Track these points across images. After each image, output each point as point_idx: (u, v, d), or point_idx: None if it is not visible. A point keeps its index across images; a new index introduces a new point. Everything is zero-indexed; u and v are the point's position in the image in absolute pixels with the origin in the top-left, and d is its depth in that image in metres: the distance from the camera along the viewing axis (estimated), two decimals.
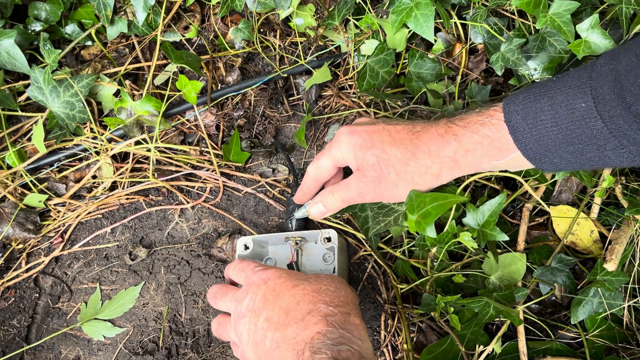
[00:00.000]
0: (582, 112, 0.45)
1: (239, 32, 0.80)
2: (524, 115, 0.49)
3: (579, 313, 0.69)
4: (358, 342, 0.48)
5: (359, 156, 0.60)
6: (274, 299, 0.55)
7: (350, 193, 0.62)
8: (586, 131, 0.46)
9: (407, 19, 0.68)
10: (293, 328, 0.51)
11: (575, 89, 0.46)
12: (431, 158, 0.56)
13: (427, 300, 0.68)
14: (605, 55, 0.46)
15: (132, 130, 0.80)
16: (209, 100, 0.81)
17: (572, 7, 0.64)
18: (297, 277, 0.57)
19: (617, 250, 0.67)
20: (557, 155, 0.49)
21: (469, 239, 0.63)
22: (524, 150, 0.50)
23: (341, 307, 0.53)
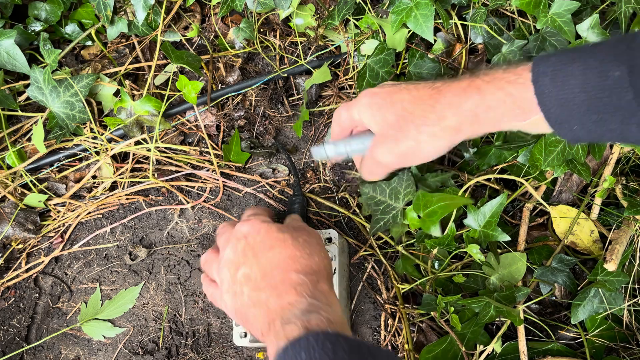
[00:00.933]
0: (614, 81, 0.44)
1: (241, 32, 0.80)
2: (552, 77, 0.47)
3: (579, 313, 0.69)
4: (326, 309, 0.50)
5: (378, 118, 0.59)
6: (252, 257, 0.57)
7: (371, 164, 0.62)
8: (614, 101, 0.44)
9: (406, 19, 0.68)
10: (267, 294, 0.53)
11: (611, 56, 0.45)
12: (452, 110, 0.54)
13: (428, 300, 0.68)
14: None
15: (132, 130, 0.80)
16: (209, 101, 0.81)
17: (573, 7, 0.64)
18: (274, 237, 0.58)
19: (617, 251, 0.67)
20: (579, 123, 0.47)
21: (477, 251, 0.63)
22: (547, 113, 0.48)
23: (311, 274, 0.54)
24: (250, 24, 0.79)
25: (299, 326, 0.47)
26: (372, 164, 0.62)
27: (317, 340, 0.44)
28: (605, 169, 0.70)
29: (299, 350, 0.44)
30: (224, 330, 0.79)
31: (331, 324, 0.48)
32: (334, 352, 0.43)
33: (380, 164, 0.60)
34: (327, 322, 0.48)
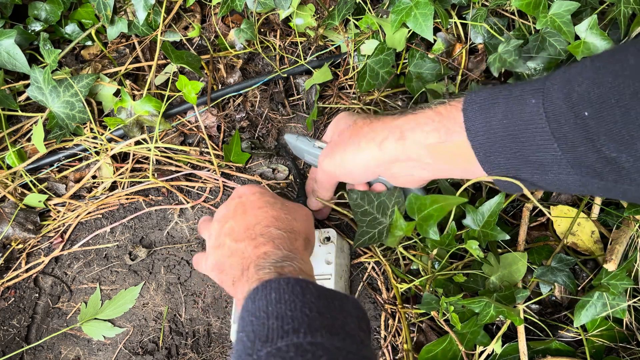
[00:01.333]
0: (530, 108, 0.46)
1: (242, 33, 0.80)
2: (480, 105, 0.49)
3: (582, 317, 0.68)
4: (300, 261, 0.52)
5: (334, 128, 0.66)
6: (242, 213, 0.59)
7: (319, 171, 0.65)
8: (531, 128, 0.46)
9: (406, 19, 0.68)
10: (245, 243, 0.55)
11: (531, 87, 0.47)
12: (383, 125, 0.58)
13: (428, 299, 0.68)
14: (565, 65, 0.48)
15: (131, 130, 0.80)
16: (209, 101, 0.81)
17: (573, 7, 0.64)
18: (266, 200, 0.61)
19: (617, 250, 0.67)
20: (502, 154, 0.49)
21: (476, 247, 0.63)
22: (473, 140, 0.50)
23: (291, 232, 0.57)
24: (251, 25, 0.79)
25: (272, 271, 0.49)
26: (318, 170, 0.66)
27: (287, 284, 0.46)
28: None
29: (269, 290, 0.46)
30: (224, 330, 0.79)
31: (303, 274, 0.50)
32: (303, 295, 0.45)
33: (321, 169, 0.65)
34: (299, 271, 0.50)
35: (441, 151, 0.53)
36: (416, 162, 0.56)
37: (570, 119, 0.43)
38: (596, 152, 0.43)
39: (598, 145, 0.42)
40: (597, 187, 0.46)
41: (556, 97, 0.44)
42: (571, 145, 0.44)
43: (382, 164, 0.58)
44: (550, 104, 0.44)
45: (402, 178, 0.61)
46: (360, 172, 0.62)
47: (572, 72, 0.44)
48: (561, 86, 0.44)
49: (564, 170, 0.46)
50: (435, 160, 0.55)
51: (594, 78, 0.42)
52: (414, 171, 0.58)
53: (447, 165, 0.55)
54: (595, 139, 0.42)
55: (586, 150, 0.43)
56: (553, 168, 0.46)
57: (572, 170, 0.45)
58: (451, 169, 0.56)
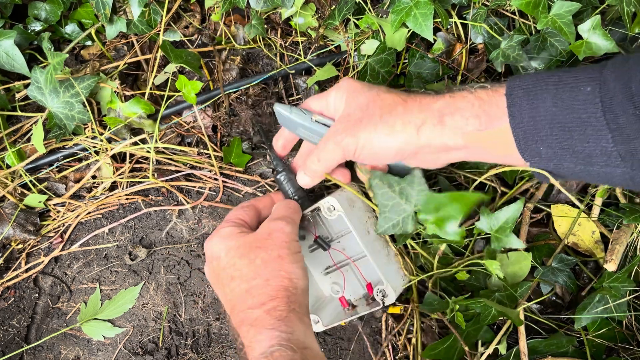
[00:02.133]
0: (584, 96, 0.44)
1: (252, 29, 0.79)
2: (526, 90, 0.47)
3: (583, 319, 0.68)
4: (287, 337, 0.51)
5: (350, 100, 0.58)
6: (219, 286, 0.59)
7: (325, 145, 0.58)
8: (583, 117, 0.44)
9: (406, 18, 0.68)
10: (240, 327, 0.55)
11: (585, 74, 0.45)
12: (420, 107, 0.53)
13: (430, 299, 0.68)
14: (621, 55, 0.46)
15: (120, 132, 0.79)
16: (206, 100, 0.80)
17: (574, 8, 0.64)
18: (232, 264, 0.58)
19: (617, 251, 0.67)
20: (546, 143, 0.46)
21: (497, 267, 0.62)
22: (515, 127, 0.47)
23: (267, 304, 0.54)
24: (261, 21, 0.79)
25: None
26: (326, 145, 0.58)
27: None
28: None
29: None
30: (223, 330, 0.79)
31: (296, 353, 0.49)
32: None
33: (336, 146, 0.57)
34: (292, 351, 0.49)
35: (479, 138, 0.51)
36: (450, 148, 0.53)
37: (628, 110, 0.41)
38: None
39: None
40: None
41: (613, 86, 0.42)
42: (627, 137, 0.42)
43: (417, 148, 0.54)
44: (607, 93, 0.43)
45: (427, 162, 0.57)
46: (391, 155, 0.56)
47: (630, 61, 0.43)
48: (619, 75, 0.43)
49: (613, 162, 0.44)
50: (470, 146, 0.52)
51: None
52: (444, 155, 0.55)
53: (483, 151, 0.52)
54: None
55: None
56: (601, 160, 0.45)
57: (621, 163, 0.44)
58: (486, 155, 0.53)
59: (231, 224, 0.61)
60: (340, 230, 0.71)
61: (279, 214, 0.62)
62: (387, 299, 0.65)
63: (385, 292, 0.65)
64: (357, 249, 0.69)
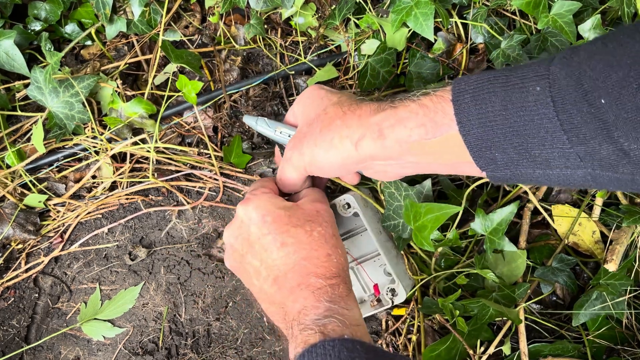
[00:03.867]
0: (535, 96, 0.41)
1: (251, 28, 0.79)
2: (473, 94, 0.44)
3: (581, 316, 0.69)
4: (344, 312, 0.49)
5: (304, 113, 0.58)
6: (261, 250, 0.55)
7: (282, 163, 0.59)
8: (536, 119, 0.41)
9: (406, 18, 0.68)
10: (282, 295, 0.52)
11: (533, 72, 0.42)
12: (359, 121, 0.51)
13: (428, 303, 0.68)
14: (569, 48, 0.43)
15: (122, 132, 0.79)
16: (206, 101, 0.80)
17: (574, 7, 0.64)
18: (285, 230, 0.54)
19: (617, 251, 0.67)
20: (500, 149, 0.43)
21: (492, 274, 0.63)
22: (467, 135, 0.44)
23: (330, 279, 0.51)
24: (260, 21, 0.79)
25: (315, 331, 0.46)
26: (284, 161, 0.59)
27: (333, 347, 0.43)
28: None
29: (316, 357, 0.43)
30: (223, 330, 0.79)
31: (348, 329, 0.46)
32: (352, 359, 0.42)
33: (288, 163, 0.58)
34: (344, 326, 0.47)
35: (426, 148, 0.48)
36: (396, 161, 0.51)
37: (583, 109, 0.38)
38: (612, 144, 0.38)
39: (615, 136, 0.38)
40: (608, 181, 0.42)
41: (565, 83, 0.39)
42: (583, 137, 0.39)
43: (359, 162, 0.53)
44: (558, 91, 0.40)
45: (377, 174, 0.57)
46: (334, 170, 0.56)
47: (581, 55, 0.40)
48: (570, 71, 0.39)
49: (572, 164, 0.41)
50: (419, 158, 0.50)
51: (609, 61, 0.37)
52: (392, 169, 0.54)
53: (433, 162, 0.50)
54: (613, 129, 0.37)
55: (601, 142, 0.39)
56: (559, 162, 0.42)
57: (581, 164, 0.41)
58: (437, 166, 0.51)
59: (270, 191, 0.59)
60: (350, 229, 0.70)
61: (317, 197, 0.60)
62: (396, 297, 0.65)
63: (395, 291, 0.65)
64: (364, 250, 0.69)
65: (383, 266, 0.68)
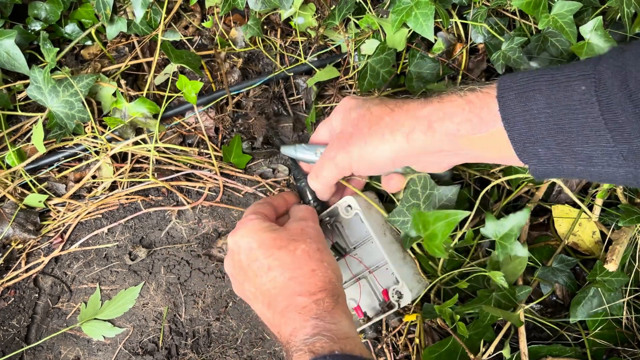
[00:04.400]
0: (579, 96, 0.42)
1: (249, 29, 0.79)
2: (518, 92, 0.45)
3: (578, 312, 0.69)
4: (331, 327, 0.50)
5: (344, 118, 0.60)
6: (254, 277, 0.56)
7: (321, 163, 0.61)
8: (580, 118, 0.42)
9: (406, 18, 0.68)
10: (276, 319, 0.54)
11: (578, 72, 0.43)
12: (407, 115, 0.53)
13: (429, 309, 0.68)
14: (615, 47, 0.44)
15: (125, 132, 0.80)
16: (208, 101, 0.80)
17: (575, 7, 0.64)
18: (270, 254, 0.56)
19: (617, 251, 0.67)
20: (544, 145, 0.45)
21: (501, 278, 0.62)
22: (510, 131, 0.46)
23: (315, 294, 0.53)
24: (258, 22, 0.79)
25: (304, 351, 0.48)
26: (322, 163, 0.61)
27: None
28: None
29: None
30: (223, 330, 0.79)
31: (337, 344, 0.47)
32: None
33: (330, 163, 0.59)
34: (332, 342, 0.48)
35: (473, 142, 0.50)
36: (448, 152, 0.53)
37: (628, 108, 0.39)
38: None
39: None
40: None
41: (611, 83, 0.40)
42: (628, 136, 0.40)
43: (411, 155, 0.54)
44: (604, 91, 0.41)
45: (431, 166, 0.58)
46: (386, 165, 0.57)
47: (627, 55, 0.41)
48: (616, 71, 0.40)
49: (614, 162, 0.42)
50: (468, 150, 0.51)
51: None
52: (444, 159, 0.55)
53: (481, 153, 0.52)
54: None
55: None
56: (602, 160, 0.43)
57: (624, 163, 0.42)
58: (485, 157, 0.53)
59: (256, 217, 0.60)
60: (356, 239, 0.70)
61: (302, 215, 0.62)
62: (402, 300, 0.64)
63: (400, 293, 0.64)
64: (375, 258, 0.68)
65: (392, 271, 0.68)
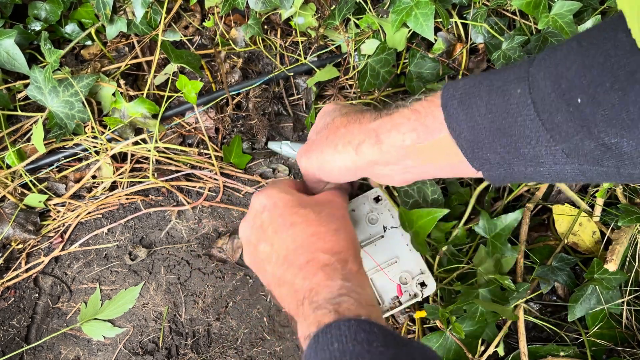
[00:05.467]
0: (516, 99, 0.42)
1: (249, 29, 0.79)
2: (460, 99, 0.45)
3: (577, 310, 0.69)
4: (357, 290, 0.48)
5: (317, 123, 0.63)
6: (272, 233, 0.55)
7: (300, 166, 0.63)
8: (519, 120, 0.42)
9: (407, 18, 0.68)
10: (292, 273, 0.51)
11: (513, 75, 0.43)
12: (359, 128, 0.54)
13: (431, 309, 0.68)
14: (549, 47, 0.44)
15: (125, 132, 0.80)
16: (208, 101, 0.80)
17: (575, 7, 0.64)
18: (295, 212, 0.55)
19: (617, 251, 0.67)
20: (491, 149, 0.45)
21: (509, 282, 0.63)
22: (458, 139, 0.46)
23: (340, 254, 0.51)
24: (258, 21, 0.79)
25: (329, 310, 0.45)
26: (300, 168, 0.63)
27: (349, 328, 0.41)
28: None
29: (331, 339, 0.41)
30: (224, 330, 0.79)
31: (363, 309, 0.45)
32: (369, 343, 0.40)
33: (301, 168, 0.62)
34: (359, 306, 0.45)
35: (421, 152, 0.50)
36: (396, 165, 0.53)
37: (562, 108, 0.40)
38: (594, 140, 0.39)
39: (595, 132, 0.39)
40: (597, 174, 0.43)
41: (543, 85, 0.41)
42: (565, 135, 0.40)
43: (361, 167, 0.55)
44: (537, 93, 0.41)
45: (384, 179, 0.58)
46: (340, 174, 0.58)
47: (557, 55, 0.41)
48: (547, 73, 0.41)
49: (559, 160, 0.43)
50: (416, 162, 0.51)
51: (582, 61, 0.38)
52: (395, 174, 0.55)
53: (431, 165, 0.51)
54: (592, 126, 0.39)
55: (582, 138, 0.40)
56: (547, 159, 0.43)
57: (568, 160, 0.42)
58: (436, 169, 0.52)
59: (285, 179, 0.64)
60: (368, 236, 0.70)
61: (332, 192, 0.62)
62: (426, 289, 0.64)
63: (425, 283, 0.64)
64: (386, 255, 0.68)
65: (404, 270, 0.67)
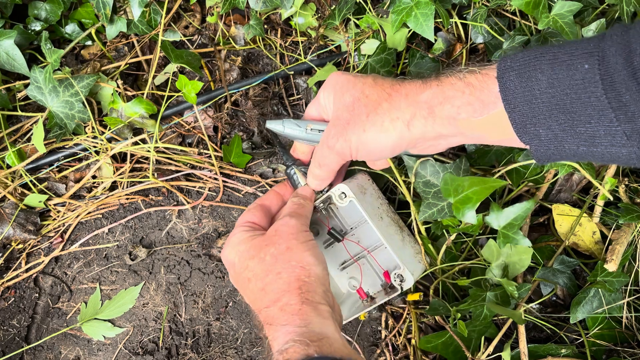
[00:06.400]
0: (582, 74, 0.41)
1: (251, 29, 0.79)
2: (519, 72, 0.44)
3: (578, 313, 0.69)
4: (302, 330, 0.49)
5: (337, 100, 0.57)
6: (242, 289, 0.59)
7: (321, 151, 0.59)
8: (583, 97, 0.41)
9: (407, 18, 0.68)
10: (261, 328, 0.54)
11: (581, 50, 0.42)
12: (407, 101, 0.51)
13: (435, 305, 0.68)
14: (618, 25, 0.42)
15: (122, 132, 0.79)
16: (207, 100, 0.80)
17: (575, 7, 0.63)
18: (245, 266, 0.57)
19: (617, 251, 0.67)
20: (545, 125, 0.44)
21: (513, 288, 0.63)
22: (511, 112, 0.45)
23: (279, 300, 0.52)
24: (260, 22, 0.79)
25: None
26: (322, 151, 0.59)
27: None
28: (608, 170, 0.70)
29: None
30: (223, 330, 0.79)
31: (311, 347, 0.46)
32: None
33: (330, 151, 0.57)
34: (305, 346, 0.47)
35: (474, 125, 0.48)
36: (447, 135, 0.52)
37: (632, 87, 0.38)
38: None
39: None
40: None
41: (614, 61, 0.39)
42: (631, 115, 0.39)
43: (411, 142, 0.53)
44: (607, 69, 0.39)
45: (429, 149, 0.57)
46: (386, 152, 0.55)
47: (631, 32, 0.39)
48: (620, 48, 0.39)
49: (618, 142, 0.41)
50: (467, 133, 0.50)
51: None
52: (442, 142, 0.54)
53: (480, 136, 0.51)
54: None
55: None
56: (605, 140, 0.42)
57: (627, 142, 0.41)
58: (484, 139, 0.52)
59: (240, 230, 0.61)
60: (353, 221, 0.70)
61: (284, 212, 0.62)
62: (404, 283, 0.65)
63: (402, 277, 0.65)
64: (372, 239, 0.68)
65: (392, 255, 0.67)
